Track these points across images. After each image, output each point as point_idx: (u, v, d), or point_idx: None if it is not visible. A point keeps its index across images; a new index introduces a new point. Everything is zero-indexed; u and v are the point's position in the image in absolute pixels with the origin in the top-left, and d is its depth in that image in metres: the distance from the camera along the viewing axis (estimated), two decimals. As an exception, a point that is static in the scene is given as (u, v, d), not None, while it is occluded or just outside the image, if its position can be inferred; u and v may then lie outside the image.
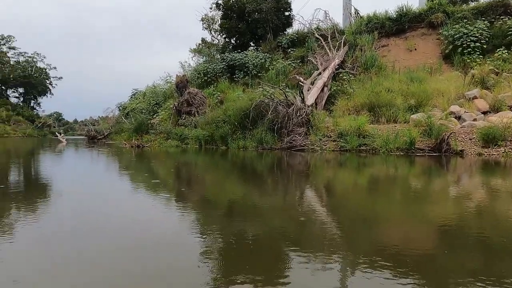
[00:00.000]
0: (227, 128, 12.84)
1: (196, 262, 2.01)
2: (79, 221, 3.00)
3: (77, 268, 1.94)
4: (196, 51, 27.28)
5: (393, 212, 3.58)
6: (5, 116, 44.71)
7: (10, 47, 52.88)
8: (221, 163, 8.91)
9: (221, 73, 21.14)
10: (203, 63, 23.74)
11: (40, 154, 12.27)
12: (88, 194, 4.38)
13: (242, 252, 2.23)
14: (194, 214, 3.34)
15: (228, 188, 5.12)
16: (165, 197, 4.17)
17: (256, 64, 20.34)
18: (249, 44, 23.85)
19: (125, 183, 5.48)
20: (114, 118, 26.03)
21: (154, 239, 2.46)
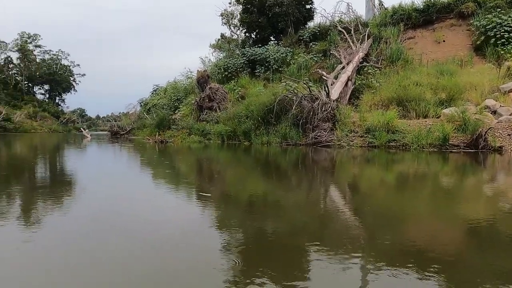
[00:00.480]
0: (250, 124, 12.64)
1: (215, 260, 1.96)
2: (103, 216, 3.01)
3: (94, 262, 1.94)
4: (215, 47, 27.12)
5: (422, 211, 3.35)
6: (32, 112, 46.09)
7: (36, 45, 54.44)
8: (245, 159, 8.72)
9: (242, 68, 20.93)
10: (224, 58, 23.60)
11: (70, 149, 12.44)
12: (117, 188, 4.33)
13: (263, 250, 2.17)
14: (217, 210, 3.25)
15: (252, 184, 4.94)
16: (190, 193, 4.12)
17: (277, 59, 20.00)
18: (269, 39, 23.50)
19: (152, 179, 5.36)
20: (136, 114, 26.31)
21: (173, 235, 2.42)
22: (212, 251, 2.11)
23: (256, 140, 12.09)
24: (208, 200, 3.60)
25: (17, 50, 52.16)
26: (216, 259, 1.97)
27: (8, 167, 7.25)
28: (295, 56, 20.04)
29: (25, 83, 53.93)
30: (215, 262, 1.92)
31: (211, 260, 1.95)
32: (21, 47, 52.02)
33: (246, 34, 24.26)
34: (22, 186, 4.65)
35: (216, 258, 1.99)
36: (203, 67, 23.57)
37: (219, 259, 1.97)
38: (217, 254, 2.05)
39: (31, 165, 7.64)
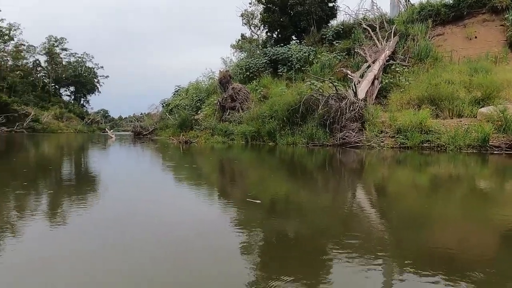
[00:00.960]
0: (274, 124, 12.37)
1: (235, 261, 1.92)
2: (130, 213, 3.05)
3: (114, 258, 1.95)
4: (236, 47, 27.01)
5: (454, 215, 3.13)
6: (58, 113, 47.42)
7: (62, 48, 56.01)
8: (272, 160, 8.46)
9: (264, 68, 20.69)
10: (245, 58, 23.44)
11: (97, 149, 12.55)
12: (144, 189, 4.18)
13: (284, 252, 2.10)
14: (241, 211, 3.15)
15: (278, 186, 4.71)
16: (215, 194, 4.06)
17: (300, 58, 19.64)
18: (291, 38, 23.14)
19: (181, 180, 5.18)
20: (158, 114, 26.51)
21: (193, 235, 2.37)
22: (230, 252, 2.05)
23: (281, 141, 11.81)
24: (243, 204, 3.37)
25: (45, 53, 53.86)
26: (233, 261, 1.92)
27: (41, 166, 7.33)
28: (318, 55, 19.61)
29: (52, 85, 55.63)
30: (231, 264, 1.87)
31: (227, 262, 1.91)
32: (48, 50, 53.68)
33: (267, 33, 24.02)
34: (51, 184, 4.73)
35: (233, 260, 1.93)
36: (224, 67, 23.50)
37: (237, 261, 1.91)
38: (235, 256, 1.99)
39: (61, 164, 7.68)
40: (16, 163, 7.62)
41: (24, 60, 52.01)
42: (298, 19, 21.65)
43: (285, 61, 20.04)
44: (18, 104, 40.96)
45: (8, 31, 47.47)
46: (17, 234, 2.34)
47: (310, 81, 13.43)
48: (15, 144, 15.42)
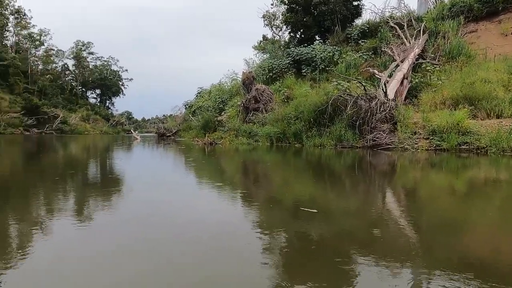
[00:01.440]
0: (300, 125, 12.06)
1: (256, 264, 1.86)
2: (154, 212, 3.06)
3: (135, 256, 1.95)
4: (259, 48, 26.85)
5: (491, 223, 2.88)
6: (85, 115, 48.83)
7: (89, 52, 57.66)
8: (305, 164, 8.16)
9: (287, 69, 20.40)
10: (268, 59, 23.23)
11: (124, 150, 12.64)
12: (171, 190, 4.04)
13: (307, 256, 2.04)
14: (265, 213, 3.09)
15: (305, 188, 4.47)
16: (241, 196, 3.92)
17: (324, 58, 19.24)
18: (314, 38, 22.75)
19: (211, 183, 4.99)
20: (181, 116, 26.68)
21: (214, 237, 2.33)
22: (252, 255, 2.01)
23: (308, 142, 11.49)
24: (298, 212, 3.12)
25: (73, 57, 55.60)
26: (253, 263, 1.88)
27: (74, 165, 7.36)
28: (342, 54, 19.17)
29: (79, 88, 57.36)
30: (251, 267, 1.83)
31: (246, 265, 1.87)
32: (76, 54, 55.40)
33: (290, 34, 23.71)
34: (81, 184, 4.80)
35: (253, 262, 1.89)
36: (247, 68, 23.35)
37: (256, 264, 1.87)
38: (255, 258, 1.94)
39: (91, 164, 7.70)
40: (49, 163, 7.70)
41: (53, 64, 53.90)
42: (322, 19, 21.24)
43: (309, 62, 19.69)
44: (48, 106, 42.43)
45: (39, 37, 49.29)
46: (44, 233, 2.38)
47: (337, 81, 13.05)
48: (47, 145, 15.80)
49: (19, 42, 49.28)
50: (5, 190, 4.24)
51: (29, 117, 37.76)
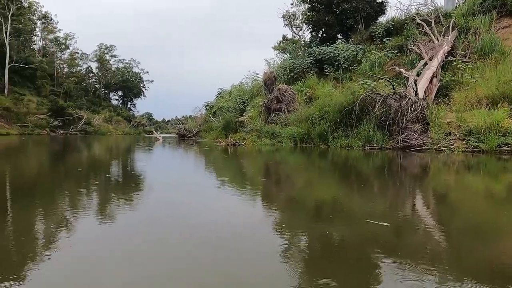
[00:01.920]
0: (325, 126, 11.68)
1: (274, 268, 1.80)
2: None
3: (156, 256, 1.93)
4: (279, 49, 26.55)
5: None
6: (108, 116, 49.82)
7: (112, 55, 58.88)
8: (335, 165, 7.82)
9: (309, 68, 20.02)
10: (289, 59, 22.90)
11: (148, 151, 12.64)
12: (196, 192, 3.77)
13: (327, 260, 1.94)
14: (284, 215, 3.00)
15: (334, 191, 4.15)
16: (265, 198, 3.77)
17: (347, 57, 18.74)
18: (336, 37, 22.27)
19: (240, 185, 4.75)
20: (202, 117, 26.70)
21: (233, 237, 2.29)
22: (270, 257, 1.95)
23: (334, 143, 11.11)
24: (366, 225, 2.82)
25: (96, 60, 56.93)
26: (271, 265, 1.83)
27: (103, 166, 7.39)
28: (366, 53, 18.62)
29: (102, 90, 58.67)
30: (269, 269, 1.78)
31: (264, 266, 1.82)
32: (99, 57, 56.69)
33: (311, 33, 23.29)
34: (111, 184, 4.81)
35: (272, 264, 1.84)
36: (268, 68, 23.09)
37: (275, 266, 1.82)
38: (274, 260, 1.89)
39: (119, 164, 7.64)
40: (77, 162, 7.69)
41: (78, 67, 55.37)
42: (345, 17, 20.74)
43: (331, 61, 19.24)
44: (73, 108, 43.51)
45: (65, 41, 50.71)
46: (68, 232, 2.39)
47: (363, 79, 12.61)
48: (74, 146, 16.04)
49: (46, 46, 50.90)
50: (33, 188, 4.41)
51: (55, 119, 38.82)
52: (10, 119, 34.58)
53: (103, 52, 57.38)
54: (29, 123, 35.53)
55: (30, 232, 2.41)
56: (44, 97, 42.48)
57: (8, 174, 5.66)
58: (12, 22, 38.53)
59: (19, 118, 35.55)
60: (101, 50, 57.25)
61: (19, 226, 2.54)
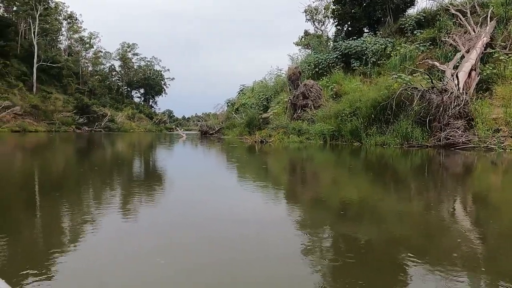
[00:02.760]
0: (358, 122, 11.09)
1: (297, 269, 1.73)
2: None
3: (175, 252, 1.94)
4: (302, 44, 25.90)
5: None
6: (130, 113, 50.45)
7: (134, 53, 59.57)
8: (379, 166, 7.27)
9: (334, 63, 19.33)
10: (313, 54, 22.25)
11: (175, 148, 12.44)
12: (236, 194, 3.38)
13: (355, 261, 1.80)
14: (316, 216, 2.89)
15: (371, 190, 3.69)
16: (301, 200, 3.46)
17: (376, 51, 17.95)
18: (362, 31, 21.46)
19: (278, 189, 4.32)
20: (223, 114, 26.45)
21: (257, 236, 2.24)
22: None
23: (368, 141, 10.51)
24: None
25: (119, 58, 57.74)
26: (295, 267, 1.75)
27: (134, 161, 7.32)
28: (396, 47, 17.77)
29: (125, 88, 59.52)
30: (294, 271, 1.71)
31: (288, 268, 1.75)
32: (122, 56, 57.47)
33: (337, 27, 22.52)
34: (144, 180, 4.83)
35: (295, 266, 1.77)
36: (292, 64, 22.53)
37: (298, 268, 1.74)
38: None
39: (150, 161, 7.47)
40: (111, 159, 7.50)
41: (101, 66, 56.33)
42: (373, 9, 19.89)
43: (358, 55, 18.49)
44: (97, 105, 44.25)
45: (89, 40, 51.63)
46: (94, 229, 2.37)
47: (396, 73, 11.92)
48: (102, 143, 16.06)
49: (71, 46, 52.03)
50: (61, 182, 4.62)
51: (80, 116, 39.55)
52: (38, 116, 35.43)
53: (125, 50, 58.16)
54: (56, 121, 36.29)
55: (57, 226, 2.46)
56: (70, 95, 43.38)
57: (44, 169, 5.97)
58: (40, 22, 39.45)
59: (47, 115, 36.38)
60: (123, 48, 58.06)
61: (47, 220, 2.62)
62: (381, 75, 17.51)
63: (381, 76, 17.38)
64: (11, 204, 3.19)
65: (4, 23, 39.56)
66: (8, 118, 30.72)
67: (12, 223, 2.51)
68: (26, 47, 41.51)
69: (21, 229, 2.35)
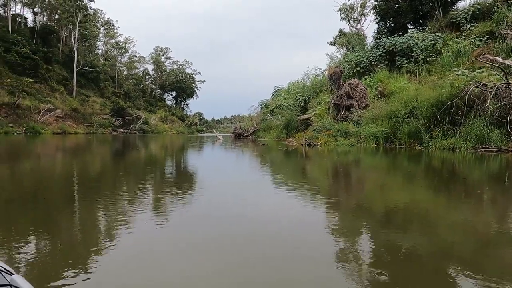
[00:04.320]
0: (417, 124, 9.94)
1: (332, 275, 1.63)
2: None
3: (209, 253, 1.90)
4: (340, 43, 24.76)
5: None
6: (163, 116, 51.05)
7: (166, 57, 60.42)
8: (480, 178, 6.22)
9: (377, 61, 18.12)
10: (352, 52, 21.10)
11: (219, 151, 11.85)
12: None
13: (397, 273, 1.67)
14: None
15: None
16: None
17: (425, 47, 16.58)
18: (406, 26, 20.07)
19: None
20: (258, 115, 25.73)
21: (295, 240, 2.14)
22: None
23: (432, 144, 9.34)
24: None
25: (152, 62, 58.76)
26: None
27: (182, 163, 6.81)
28: (448, 42, 16.32)
29: (157, 91, 60.48)
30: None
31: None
32: (155, 60, 58.44)
33: (379, 23, 21.22)
34: (198, 182, 4.80)
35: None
36: (330, 63, 21.48)
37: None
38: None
39: (200, 164, 6.90)
40: (157, 161, 6.95)
41: (135, 70, 57.53)
42: (419, 3, 18.50)
43: (404, 52, 17.18)
44: (132, 108, 45.06)
45: (124, 44, 52.85)
46: (129, 227, 2.37)
47: (458, 70, 10.68)
48: (143, 144, 15.81)
49: (108, 51, 53.48)
50: (100, 181, 4.83)
51: (117, 118, 40.35)
52: (77, 119, 36.44)
53: (158, 54, 59.09)
54: (94, 123, 37.18)
55: (94, 224, 2.53)
56: (106, 98, 44.45)
57: (88, 168, 6.28)
58: (80, 28, 40.70)
59: (85, 118, 37.36)
60: (156, 52, 59.00)
61: (85, 217, 2.70)
62: (431, 73, 16.15)
63: (431, 74, 16.04)
64: (71, 196, 3.53)
65: (47, 30, 41.24)
66: (51, 120, 31.71)
67: (75, 213, 2.72)
68: (67, 53, 43.01)
69: (78, 223, 2.52)
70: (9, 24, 35.47)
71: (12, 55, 31.82)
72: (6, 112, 27.87)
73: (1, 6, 37.80)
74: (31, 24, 41.84)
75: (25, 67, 32.54)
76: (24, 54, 32.74)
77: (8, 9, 37.81)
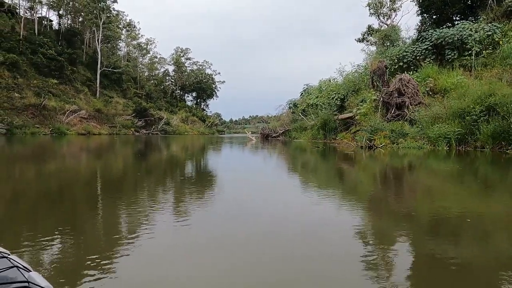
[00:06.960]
0: (504, 123, 8.32)
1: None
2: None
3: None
4: (378, 37, 23.06)
5: None
6: (184, 116, 50.22)
7: (187, 58, 59.68)
8: None
9: (423, 56, 16.43)
10: (394, 47, 19.43)
11: (264, 153, 10.54)
12: None
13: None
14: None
15: None
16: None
17: (481, 39, 14.80)
18: (451, 18, 18.26)
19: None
20: (286, 115, 24.27)
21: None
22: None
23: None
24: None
25: (173, 63, 58.11)
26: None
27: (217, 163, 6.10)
28: (508, 32, 14.51)
29: (178, 92, 59.81)
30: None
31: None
32: (176, 60, 57.75)
33: (422, 15, 19.43)
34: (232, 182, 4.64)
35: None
36: (368, 58, 19.86)
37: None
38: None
39: (245, 168, 5.54)
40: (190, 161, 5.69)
41: (156, 71, 56.99)
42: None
43: (456, 44, 15.45)
44: (153, 109, 44.35)
45: (146, 46, 52.34)
46: (150, 225, 2.39)
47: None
48: (170, 145, 14.69)
49: (129, 52, 53.09)
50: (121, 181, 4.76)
51: (139, 119, 39.67)
52: (101, 120, 35.89)
53: (179, 55, 58.34)
54: (117, 124, 36.56)
55: (115, 223, 2.54)
56: (129, 99, 43.87)
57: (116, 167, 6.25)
58: (103, 30, 40.26)
59: (108, 119, 36.78)
60: (177, 53, 58.29)
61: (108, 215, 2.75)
62: (488, 66, 14.40)
63: (488, 68, 14.28)
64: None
65: (72, 32, 41.00)
66: (75, 121, 31.18)
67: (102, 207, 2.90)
68: (91, 54, 42.66)
69: (105, 217, 2.65)
70: (35, 27, 35.25)
71: (38, 57, 31.51)
72: (32, 113, 27.42)
73: (28, 9, 37.69)
74: (56, 26, 41.68)
75: (50, 68, 32.18)
76: (49, 56, 32.39)
77: (34, 12, 37.67)
